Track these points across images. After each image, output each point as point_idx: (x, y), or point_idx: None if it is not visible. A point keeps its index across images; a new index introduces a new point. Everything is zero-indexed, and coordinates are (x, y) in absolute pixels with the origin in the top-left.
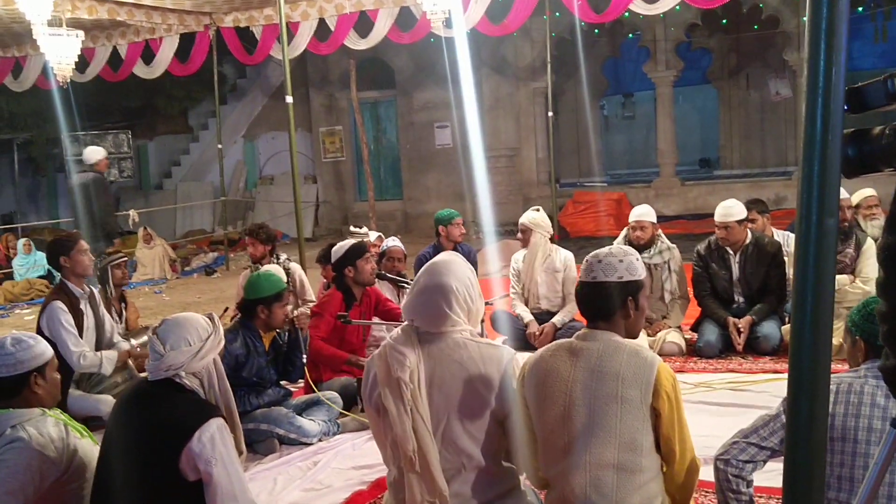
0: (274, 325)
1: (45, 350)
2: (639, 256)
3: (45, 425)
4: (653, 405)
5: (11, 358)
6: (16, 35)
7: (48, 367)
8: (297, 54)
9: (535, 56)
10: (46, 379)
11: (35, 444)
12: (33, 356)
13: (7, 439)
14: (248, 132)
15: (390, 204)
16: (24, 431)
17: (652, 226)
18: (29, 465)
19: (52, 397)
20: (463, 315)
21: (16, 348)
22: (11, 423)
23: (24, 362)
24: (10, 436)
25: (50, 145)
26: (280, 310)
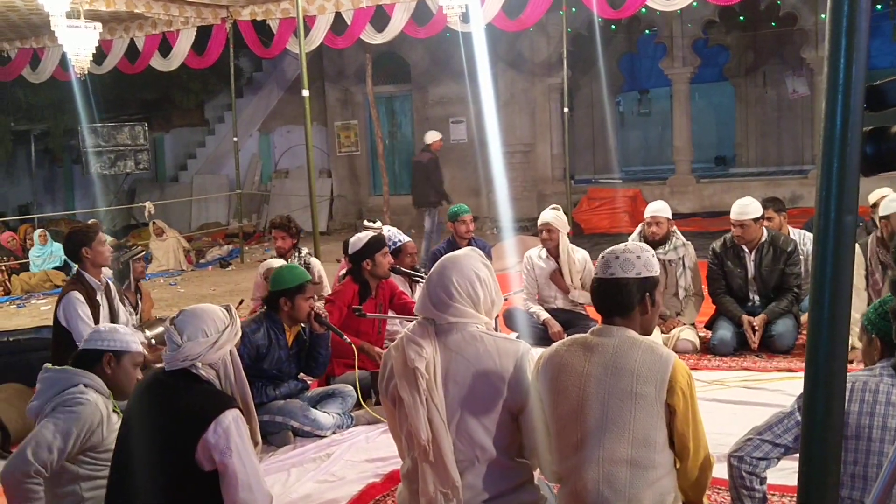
0: (298, 317)
1: (129, 341)
2: (654, 253)
3: (101, 401)
4: (667, 402)
5: (97, 335)
6: (34, 26)
7: (126, 357)
8: (314, 48)
9: (552, 51)
10: (119, 366)
11: (93, 409)
12: (114, 339)
13: (77, 392)
14: (263, 125)
15: (405, 199)
16: (90, 394)
17: (667, 222)
18: (84, 423)
19: (117, 385)
20: (479, 308)
21: (104, 329)
22: (85, 381)
23: (103, 341)
24: (81, 391)
25: (67, 137)
26: (303, 302)
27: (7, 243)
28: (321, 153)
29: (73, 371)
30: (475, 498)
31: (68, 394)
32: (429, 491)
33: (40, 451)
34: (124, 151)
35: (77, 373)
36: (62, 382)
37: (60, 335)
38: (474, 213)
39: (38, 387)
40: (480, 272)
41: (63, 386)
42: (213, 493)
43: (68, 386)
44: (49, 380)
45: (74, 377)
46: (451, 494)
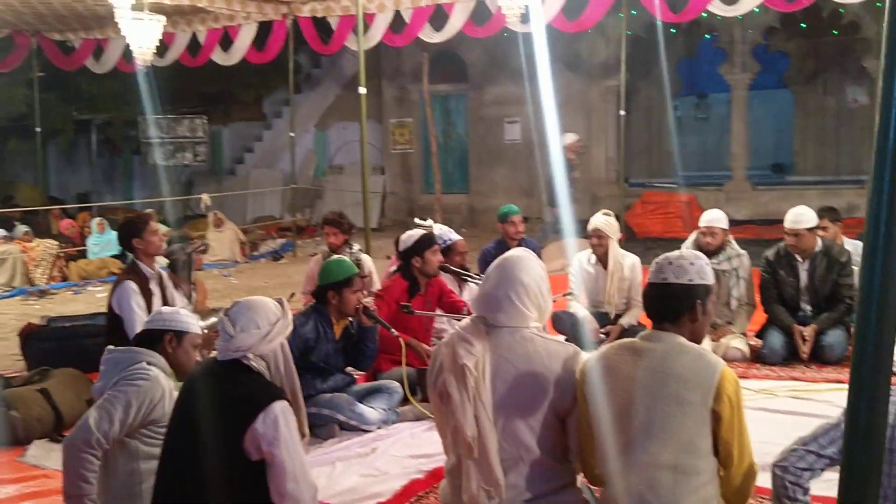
0: (345, 310)
1: (189, 323)
2: (708, 262)
3: (163, 377)
4: (714, 408)
5: (159, 316)
6: (99, 18)
7: (186, 338)
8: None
9: (610, 54)
10: (180, 346)
11: (155, 384)
12: (174, 320)
13: (140, 367)
14: (320, 121)
15: (456, 197)
16: (153, 370)
17: (722, 232)
18: (147, 395)
19: (180, 365)
20: (534, 310)
21: (166, 311)
22: (149, 359)
23: (165, 321)
24: (144, 367)
25: (128, 127)
26: (351, 295)
27: (66, 230)
28: (375, 150)
29: (136, 350)
30: (517, 497)
31: (132, 369)
32: (472, 488)
33: (102, 422)
34: (183, 143)
35: (141, 352)
36: (126, 361)
37: (114, 322)
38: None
39: (102, 368)
40: (540, 276)
41: (127, 364)
42: (260, 482)
43: (132, 364)
44: (113, 360)
45: (138, 355)
46: (493, 492)
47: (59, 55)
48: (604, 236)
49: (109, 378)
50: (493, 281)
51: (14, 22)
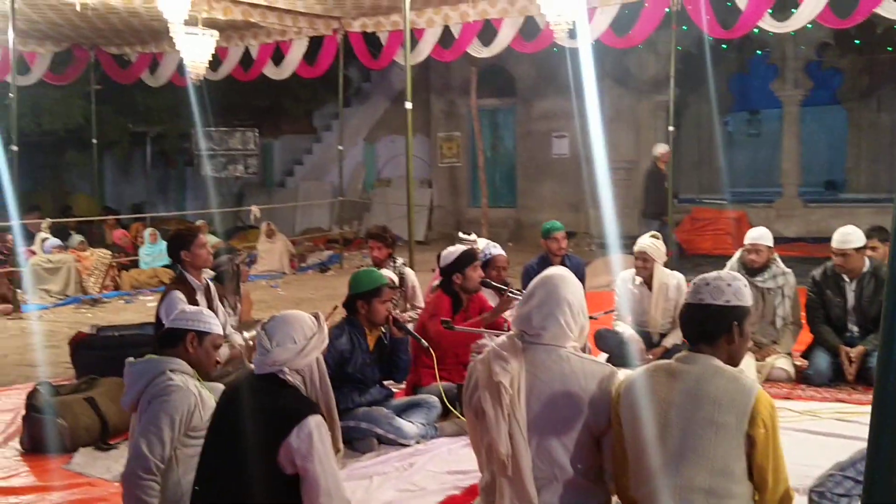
0: (375, 320)
1: (211, 323)
2: (747, 283)
3: (190, 382)
4: (748, 432)
5: (182, 315)
6: (154, 32)
7: (208, 339)
8: (420, 60)
9: (660, 69)
10: (201, 345)
11: (185, 392)
12: (197, 319)
13: (165, 379)
14: (369, 135)
15: (503, 211)
16: (177, 378)
17: (767, 249)
18: (182, 406)
19: (201, 365)
20: (575, 330)
21: (189, 310)
22: (170, 367)
23: (186, 321)
24: (168, 377)
25: (181, 139)
26: (380, 305)
27: (119, 240)
28: (423, 163)
29: (156, 359)
30: None
31: (158, 384)
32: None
33: (154, 447)
34: (235, 156)
35: (160, 360)
36: (148, 372)
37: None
38: (574, 228)
39: (126, 381)
40: (582, 296)
41: (150, 376)
42: (294, 496)
43: (155, 374)
44: (135, 372)
45: (159, 364)
46: None
47: (115, 68)
48: (649, 259)
49: (135, 390)
50: (538, 299)
51: (73, 36)
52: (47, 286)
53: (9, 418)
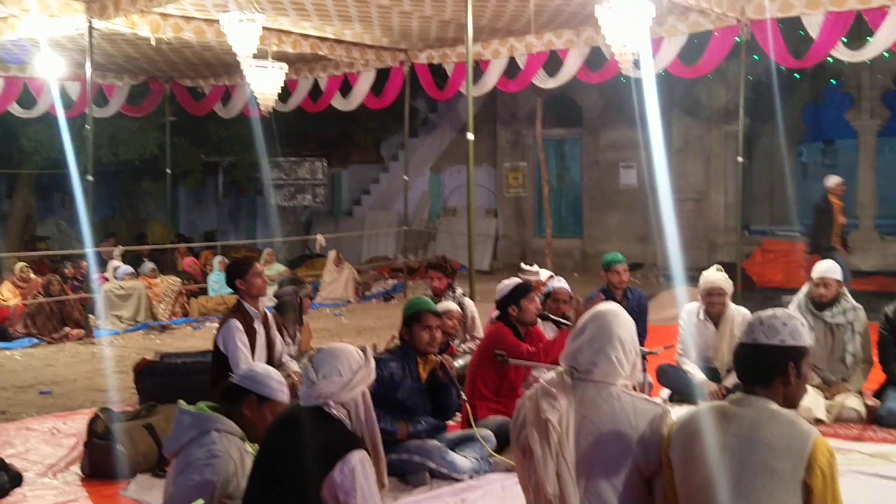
0: (417, 346)
1: (277, 391)
2: (805, 322)
3: (236, 447)
4: (805, 480)
5: (251, 375)
6: (227, 65)
7: (268, 405)
8: (486, 91)
9: (730, 99)
10: (259, 409)
11: (227, 460)
12: (263, 384)
13: (209, 442)
14: (435, 165)
15: (569, 242)
16: (223, 442)
17: (836, 283)
18: (220, 475)
19: (253, 428)
20: (626, 367)
21: (260, 371)
22: (217, 426)
23: (251, 381)
24: (213, 440)
25: (252, 169)
26: (420, 331)
27: (189, 267)
28: (488, 193)
29: (206, 416)
30: None
31: (202, 446)
32: None
33: None
34: (303, 185)
35: (209, 418)
36: (196, 427)
37: (219, 360)
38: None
39: (173, 426)
40: (634, 333)
41: (196, 433)
42: None
43: (202, 432)
44: (184, 422)
45: (207, 422)
46: None
47: (189, 100)
48: (724, 293)
49: (178, 441)
50: (588, 334)
51: (149, 69)
52: (119, 312)
53: (72, 443)
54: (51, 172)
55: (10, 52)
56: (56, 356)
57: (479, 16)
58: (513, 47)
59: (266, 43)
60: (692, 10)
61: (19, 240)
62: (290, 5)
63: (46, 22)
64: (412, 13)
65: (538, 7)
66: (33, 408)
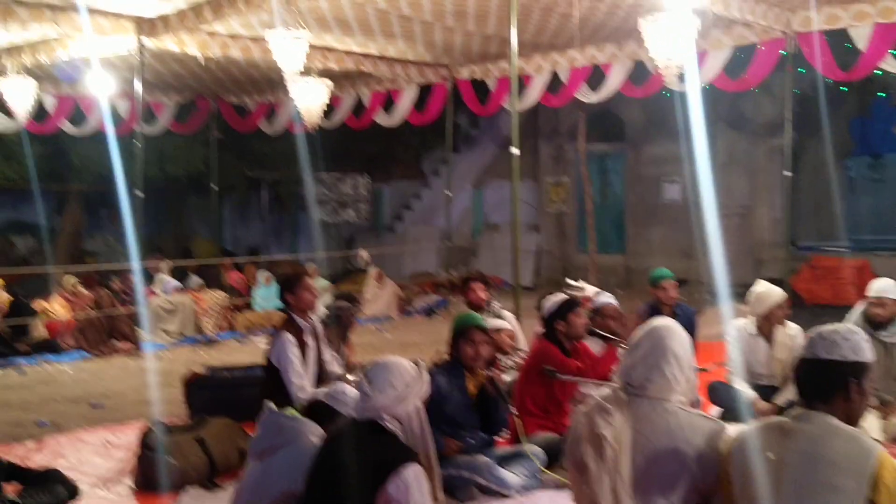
0: (463, 361)
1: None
2: (867, 338)
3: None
4: (870, 498)
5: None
6: (272, 82)
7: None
8: (529, 106)
9: (775, 112)
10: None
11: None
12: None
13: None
14: (477, 180)
15: (612, 258)
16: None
17: (893, 302)
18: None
19: None
20: (682, 383)
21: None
22: (313, 432)
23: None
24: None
25: (295, 185)
26: (466, 346)
27: (234, 282)
28: (530, 208)
29: (302, 421)
30: None
31: (300, 447)
32: None
33: None
34: (346, 201)
35: (305, 423)
36: (289, 433)
37: (271, 374)
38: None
39: (263, 428)
40: (689, 348)
41: (289, 437)
42: None
43: (296, 438)
44: (277, 425)
45: (304, 427)
46: None
47: (235, 117)
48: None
49: (270, 442)
50: (643, 350)
51: (196, 87)
52: (166, 326)
53: (124, 455)
54: (100, 190)
55: (62, 71)
56: (105, 369)
57: (523, 30)
58: (555, 62)
59: (311, 59)
60: (737, 22)
61: (69, 255)
62: (335, 22)
63: (98, 41)
64: (455, 29)
65: (582, 21)
66: (84, 420)
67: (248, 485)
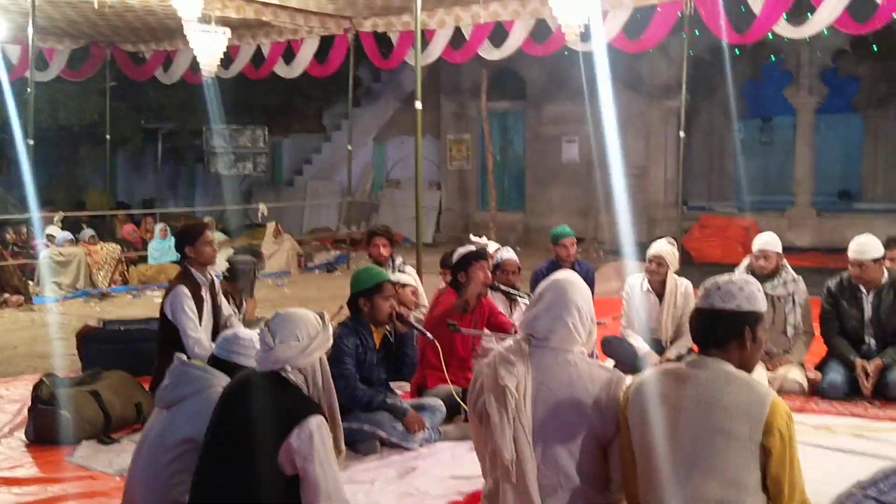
0: (378, 318)
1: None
2: (760, 287)
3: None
4: (763, 443)
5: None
6: (169, 30)
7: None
8: (431, 61)
9: (672, 74)
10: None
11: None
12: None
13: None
14: (378, 135)
15: (512, 215)
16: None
17: (776, 255)
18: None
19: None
20: (584, 334)
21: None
22: (222, 383)
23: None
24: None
25: (192, 136)
26: (382, 302)
27: (129, 235)
28: (432, 165)
29: (212, 372)
30: None
31: (206, 400)
32: None
33: None
34: (244, 154)
35: (216, 375)
36: (198, 382)
37: (166, 328)
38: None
39: (172, 379)
40: (590, 301)
41: (198, 387)
42: (294, 498)
43: (204, 388)
44: (186, 375)
45: (213, 379)
46: None
47: (130, 66)
48: (664, 265)
49: (179, 393)
50: (546, 302)
51: (91, 33)
52: (58, 279)
53: (15, 409)
54: None
55: None
56: None
57: None
58: (459, 17)
59: (210, 7)
60: None
61: None
62: None
63: None
64: None
65: None
66: None
67: (153, 433)
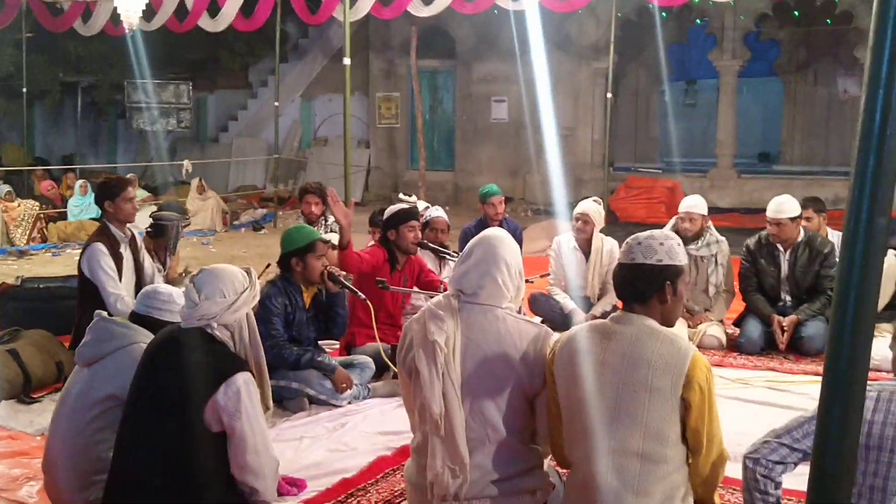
0: (311, 277)
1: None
2: (680, 242)
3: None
4: (683, 396)
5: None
6: None
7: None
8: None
9: (599, 36)
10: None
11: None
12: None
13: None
14: (305, 92)
15: (441, 175)
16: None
17: (701, 217)
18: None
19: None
20: (512, 290)
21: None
22: (144, 339)
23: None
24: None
25: (113, 91)
26: (315, 261)
27: (47, 192)
28: (361, 123)
29: (134, 328)
30: (482, 478)
31: (128, 355)
32: (436, 466)
33: None
34: (167, 109)
35: (138, 331)
36: (120, 339)
37: (85, 285)
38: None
39: (93, 335)
40: (519, 257)
41: (120, 343)
42: (220, 454)
43: (126, 343)
44: (108, 331)
45: (136, 335)
46: (458, 471)
47: (47, 16)
48: (590, 222)
49: (100, 349)
50: (475, 258)
51: None
52: None
53: None
54: None
55: None
56: None
57: None
58: None
59: None
60: None
61: None
62: None
63: None
64: None
65: None
66: None
67: (74, 391)
